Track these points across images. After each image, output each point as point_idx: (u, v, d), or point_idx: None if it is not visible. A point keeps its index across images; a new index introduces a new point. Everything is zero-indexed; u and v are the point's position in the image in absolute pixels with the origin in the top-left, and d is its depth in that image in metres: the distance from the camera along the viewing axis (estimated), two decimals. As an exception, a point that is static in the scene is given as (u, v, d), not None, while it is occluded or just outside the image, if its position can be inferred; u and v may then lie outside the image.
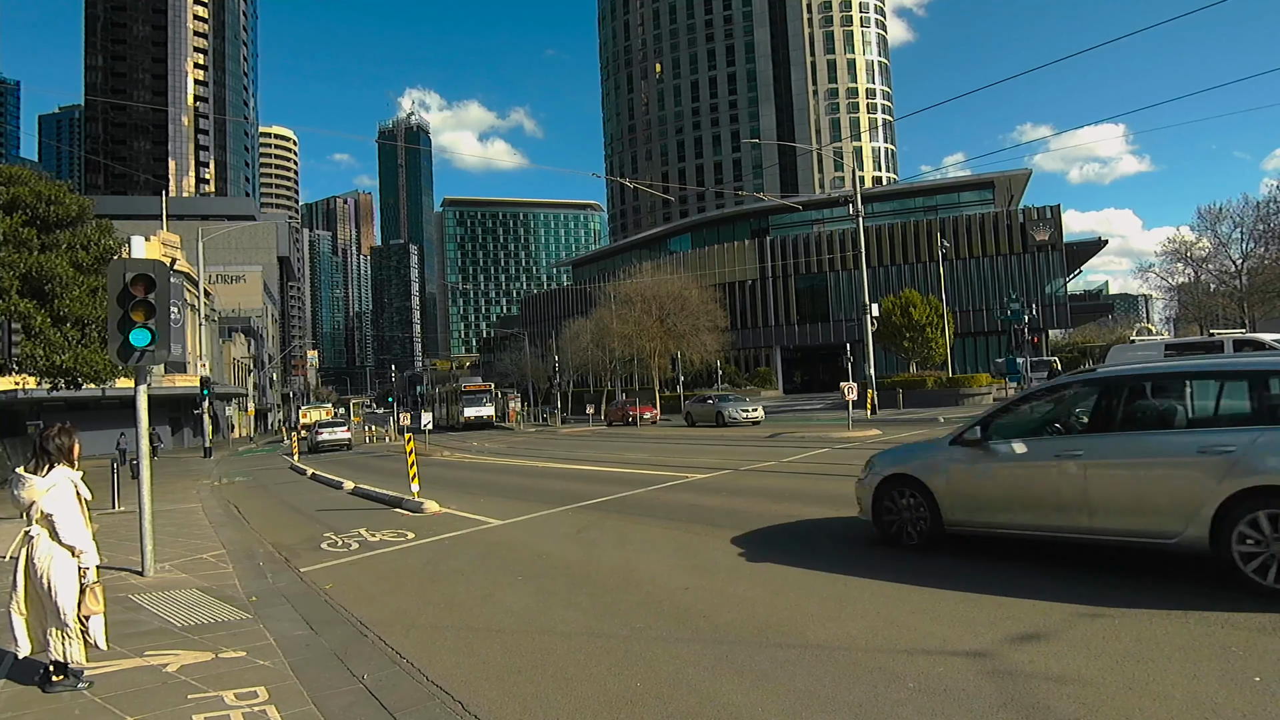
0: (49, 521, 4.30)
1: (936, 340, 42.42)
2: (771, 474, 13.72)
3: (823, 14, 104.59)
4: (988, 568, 5.89)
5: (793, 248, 66.14)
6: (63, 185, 19.52)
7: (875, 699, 3.70)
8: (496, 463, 21.54)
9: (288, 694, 4.17)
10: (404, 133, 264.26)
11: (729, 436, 25.11)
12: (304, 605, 6.24)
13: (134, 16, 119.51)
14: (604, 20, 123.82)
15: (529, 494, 12.90)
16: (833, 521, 8.39)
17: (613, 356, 56.12)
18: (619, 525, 9.26)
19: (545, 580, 6.75)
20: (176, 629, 5.59)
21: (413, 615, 5.91)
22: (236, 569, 7.86)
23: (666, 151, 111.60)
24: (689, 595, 5.85)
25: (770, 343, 66.94)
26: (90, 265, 18.58)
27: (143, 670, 4.65)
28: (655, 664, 4.42)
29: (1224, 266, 43.57)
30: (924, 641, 4.45)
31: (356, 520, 11.17)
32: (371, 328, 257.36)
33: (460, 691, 4.17)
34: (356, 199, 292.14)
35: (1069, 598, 5.02)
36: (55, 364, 17.51)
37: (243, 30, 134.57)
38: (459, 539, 9.14)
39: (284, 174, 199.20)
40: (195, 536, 10.14)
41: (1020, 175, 70.48)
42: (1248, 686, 3.54)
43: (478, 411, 52.38)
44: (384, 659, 4.81)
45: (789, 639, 4.69)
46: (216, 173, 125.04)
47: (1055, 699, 3.55)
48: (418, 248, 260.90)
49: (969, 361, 55.92)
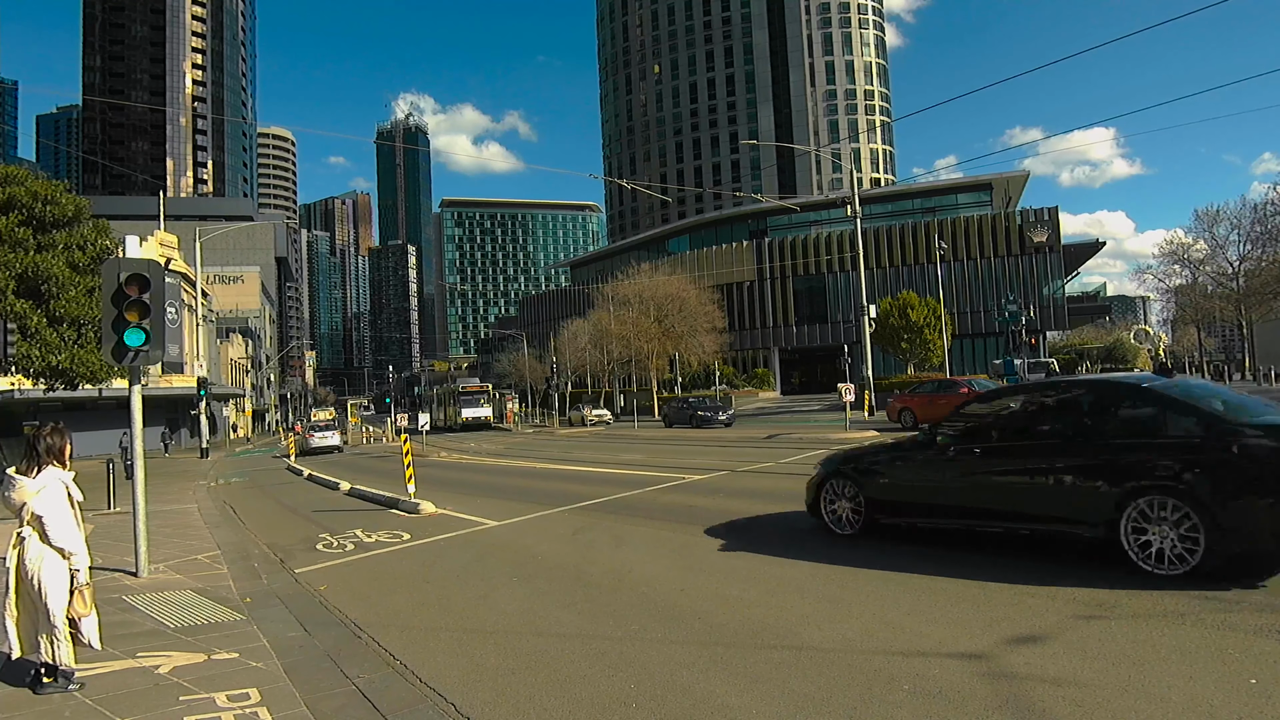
0: (39, 523, 4.27)
1: (934, 341, 42.44)
2: (768, 475, 13.71)
3: (821, 15, 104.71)
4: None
5: (791, 249, 66.15)
6: (59, 185, 19.41)
7: (870, 701, 3.68)
8: (493, 464, 21.52)
9: (280, 696, 4.14)
10: (402, 133, 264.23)
11: (725, 438, 25.08)
12: (298, 606, 6.22)
13: (132, 17, 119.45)
14: (603, 21, 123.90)
15: (525, 495, 12.87)
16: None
17: (611, 358, 56.10)
18: (615, 526, 9.24)
19: (540, 581, 6.73)
20: (169, 630, 5.56)
21: (407, 616, 5.89)
22: (231, 570, 7.83)
23: (665, 153, 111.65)
24: (684, 597, 5.83)
25: (768, 344, 66.93)
26: (87, 265, 18.50)
27: (135, 672, 4.62)
28: (650, 666, 4.40)
29: (1221, 269, 43.66)
30: (920, 644, 4.44)
31: (352, 521, 11.14)
32: (369, 329, 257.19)
33: (453, 693, 4.15)
34: (355, 200, 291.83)
35: (1065, 600, 5.01)
36: (52, 364, 17.44)
37: (240, 31, 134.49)
38: (455, 540, 9.12)
39: (282, 175, 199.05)
40: (190, 537, 10.10)
41: (1018, 177, 70.57)
42: (1244, 689, 3.53)
43: (475, 412, 52.38)
44: (377, 660, 4.79)
45: (784, 641, 4.68)
46: (214, 173, 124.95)
47: (1051, 701, 3.53)
48: (416, 248, 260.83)
49: (967, 363, 55.91)
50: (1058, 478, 5.95)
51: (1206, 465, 5.25)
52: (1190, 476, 5.25)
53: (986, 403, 7.61)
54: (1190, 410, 5.72)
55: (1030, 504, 6.10)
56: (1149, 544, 5.40)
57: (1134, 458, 5.56)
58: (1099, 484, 5.66)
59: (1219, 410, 5.70)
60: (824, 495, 7.75)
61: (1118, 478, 5.55)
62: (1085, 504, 5.72)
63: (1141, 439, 5.71)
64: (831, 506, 7.67)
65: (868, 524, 7.31)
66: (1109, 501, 5.54)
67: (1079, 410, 6.33)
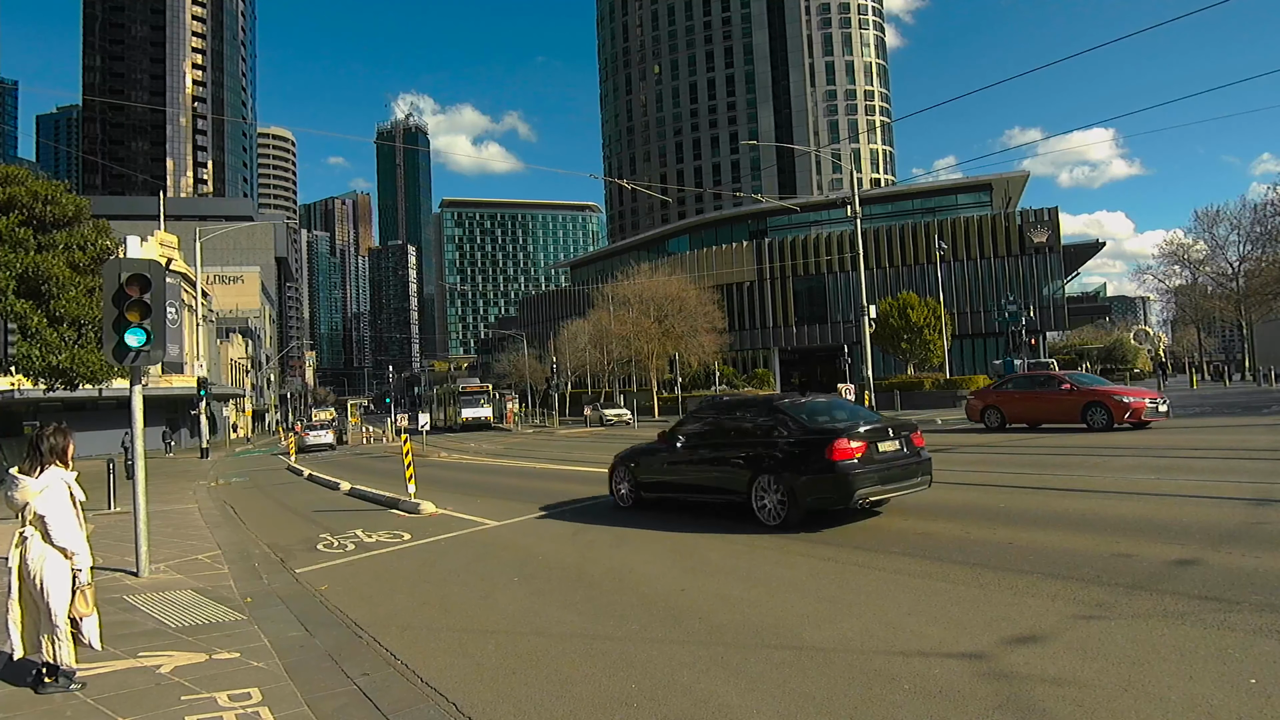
0: (41, 523, 4.28)
1: (934, 342, 42.44)
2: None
3: (821, 16, 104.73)
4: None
5: (791, 249, 66.13)
6: (59, 185, 19.40)
7: (871, 700, 3.69)
8: (493, 464, 21.51)
9: (281, 695, 4.15)
10: (402, 134, 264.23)
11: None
12: (299, 606, 6.22)
13: (132, 17, 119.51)
14: (603, 21, 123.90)
15: (526, 495, 12.85)
16: (843, 527, 8.36)
17: (611, 358, 56.10)
18: (615, 526, 9.25)
19: (541, 581, 6.73)
20: (170, 630, 5.57)
21: (408, 616, 5.90)
22: (232, 570, 7.84)
23: (665, 153, 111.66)
24: (685, 597, 5.84)
25: (768, 344, 66.91)
26: (87, 265, 18.49)
27: (136, 671, 4.63)
28: (651, 665, 4.41)
29: (1221, 269, 43.68)
30: (920, 643, 4.44)
31: (353, 521, 11.15)
32: (369, 329, 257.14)
33: (454, 693, 4.15)
34: (355, 200, 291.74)
35: (1065, 600, 5.02)
36: (52, 364, 17.43)
37: (240, 31, 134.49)
38: (455, 540, 9.12)
39: (282, 175, 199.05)
40: (191, 537, 10.11)
41: (1017, 177, 70.54)
42: (1244, 689, 3.53)
43: (475, 413, 52.32)
44: (378, 660, 4.79)
45: (785, 640, 4.68)
46: (214, 173, 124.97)
47: (1051, 701, 3.54)
48: (416, 248, 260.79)
49: (967, 363, 55.91)
50: (724, 465, 8.85)
51: (790, 457, 8.07)
52: (783, 464, 8.08)
53: (696, 419, 10.00)
54: (790, 421, 8.43)
55: (713, 482, 9.06)
56: (765, 506, 8.17)
57: (758, 452, 8.42)
58: (743, 469, 8.49)
59: (804, 420, 8.40)
60: (612, 480, 10.67)
61: (750, 465, 8.41)
62: (736, 481, 8.58)
63: (765, 440, 8.48)
64: (618, 487, 10.51)
65: (637, 499, 10.18)
66: (746, 480, 8.40)
67: (737, 421, 9.21)
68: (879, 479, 7.81)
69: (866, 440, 7.91)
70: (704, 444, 9.32)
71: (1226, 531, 6.56)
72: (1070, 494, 9.04)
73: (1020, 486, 10.17)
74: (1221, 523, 6.93)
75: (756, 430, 8.71)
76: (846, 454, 7.71)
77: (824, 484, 7.74)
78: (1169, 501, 8.33)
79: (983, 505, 8.84)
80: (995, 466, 12.77)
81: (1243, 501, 7.95)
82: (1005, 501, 9.07)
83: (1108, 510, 7.97)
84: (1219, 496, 8.41)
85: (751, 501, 8.23)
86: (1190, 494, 8.67)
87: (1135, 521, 7.28)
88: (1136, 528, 6.96)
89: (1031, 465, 12.41)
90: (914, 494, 8.55)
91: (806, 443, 8.02)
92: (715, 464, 8.97)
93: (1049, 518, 7.74)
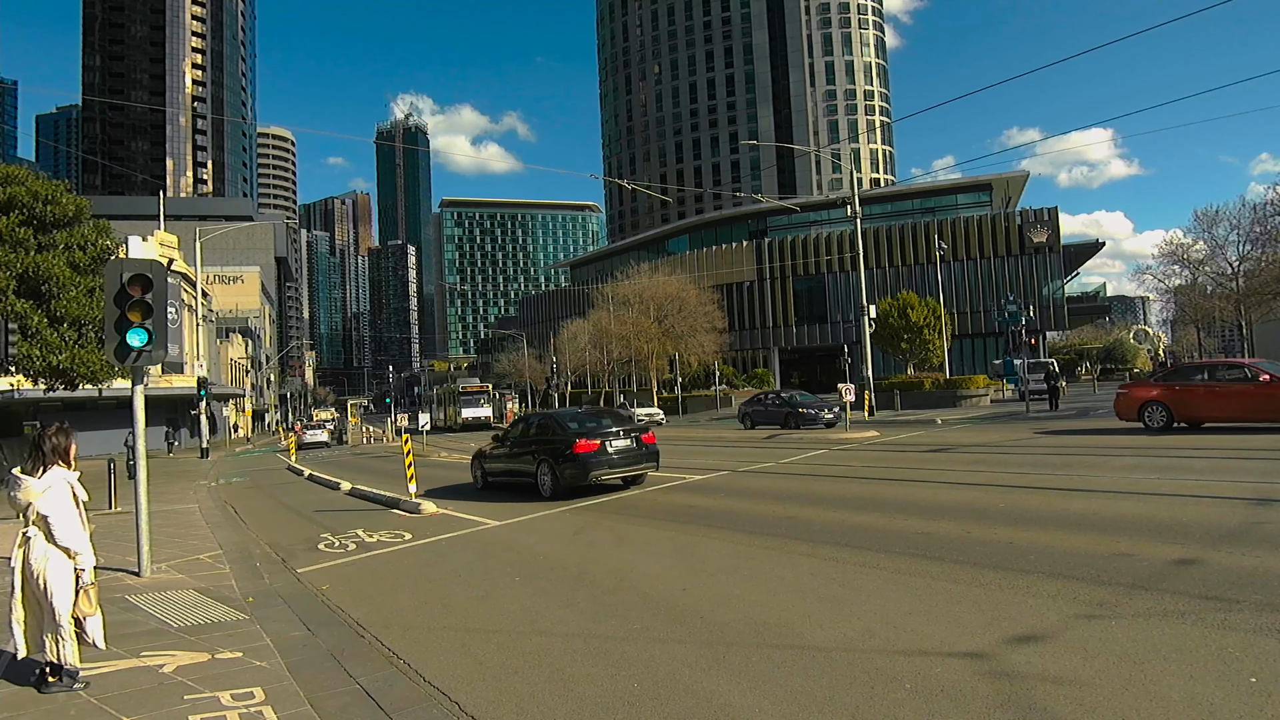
0: (44, 523, 4.28)
1: (934, 342, 42.42)
2: (769, 475, 13.72)
3: (821, 16, 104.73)
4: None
5: (791, 249, 66.17)
6: (60, 185, 19.41)
7: (872, 700, 3.70)
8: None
9: (284, 695, 4.16)
10: (402, 134, 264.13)
11: (727, 438, 25.12)
12: (301, 606, 6.23)
13: (132, 17, 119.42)
14: (603, 21, 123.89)
15: (526, 494, 12.87)
16: (841, 524, 8.38)
17: (610, 358, 56.08)
18: (616, 526, 9.27)
19: (542, 581, 6.74)
20: (173, 630, 5.58)
21: (409, 616, 5.91)
22: (233, 570, 7.84)
23: (665, 153, 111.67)
24: (686, 596, 5.85)
25: (768, 344, 66.96)
26: (87, 265, 18.50)
27: (139, 671, 4.63)
28: (653, 665, 4.42)
29: (1221, 269, 43.62)
30: (921, 643, 4.45)
31: (354, 521, 11.16)
32: (369, 329, 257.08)
33: (457, 692, 4.16)
34: (355, 200, 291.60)
35: (1065, 599, 5.03)
36: (52, 364, 17.44)
37: (240, 31, 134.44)
38: (456, 540, 9.13)
39: (282, 175, 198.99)
40: (192, 537, 10.12)
41: (1017, 177, 70.59)
42: (1244, 688, 3.54)
43: (475, 412, 52.30)
44: (380, 660, 4.80)
45: (787, 640, 4.69)
46: (214, 173, 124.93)
47: (1053, 700, 3.55)
48: (415, 248, 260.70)
49: (966, 363, 55.93)
50: (525, 458, 12.71)
51: (557, 451, 11.93)
52: (554, 455, 11.95)
53: (516, 427, 14.28)
54: (559, 428, 12.36)
55: (521, 468, 12.88)
56: (544, 484, 12.09)
57: (541, 447, 12.36)
58: (535, 458, 12.35)
59: (569, 427, 12.19)
60: (472, 469, 14.77)
61: (537, 455, 12.33)
62: (532, 467, 12.37)
63: (548, 439, 12.39)
64: (475, 474, 14.59)
65: (485, 483, 14.13)
66: (534, 465, 12.31)
67: (537, 429, 13.14)
68: (609, 465, 11.77)
69: (600, 439, 11.74)
70: (517, 444, 13.20)
71: (1227, 531, 6.57)
72: (1070, 494, 9.06)
73: (1020, 486, 10.18)
74: (1222, 522, 6.95)
75: (542, 434, 12.71)
76: (587, 449, 11.61)
77: (574, 468, 11.60)
78: (1169, 501, 8.34)
79: (983, 505, 8.85)
80: (995, 466, 12.79)
81: (1243, 501, 7.96)
82: (1005, 501, 9.09)
83: (1108, 510, 7.98)
84: (1219, 496, 8.42)
85: (537, 480, 12.18)
86: (1191, 494, 8.68)
87: (1136, 521, 7.29)
88: (1137, 527, 6.98)
89: (1032, 465, 12.43)
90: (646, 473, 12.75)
91: (566, 442, 11.84)
92: (521, 457, 12.85)
93: (1049, 517, 7.76)
